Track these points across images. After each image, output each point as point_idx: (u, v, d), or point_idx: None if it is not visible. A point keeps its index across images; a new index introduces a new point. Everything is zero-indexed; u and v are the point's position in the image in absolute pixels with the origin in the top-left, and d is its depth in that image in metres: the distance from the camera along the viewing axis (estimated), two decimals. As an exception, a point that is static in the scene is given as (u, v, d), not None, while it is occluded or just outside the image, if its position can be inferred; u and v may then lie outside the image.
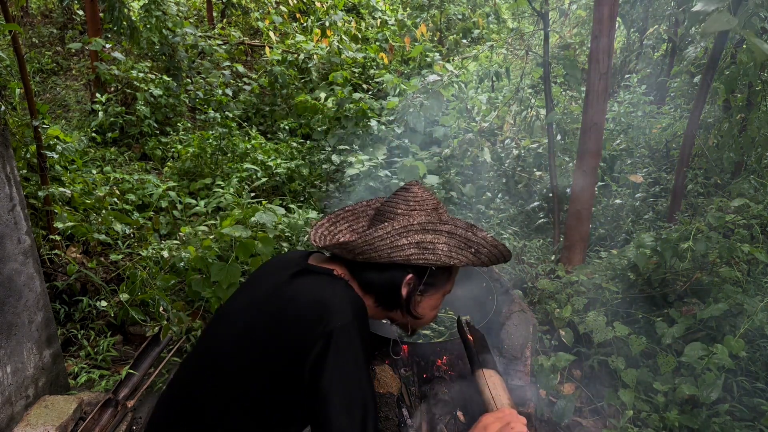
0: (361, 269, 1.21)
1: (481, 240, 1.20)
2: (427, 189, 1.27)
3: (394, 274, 1.20)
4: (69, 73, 6.62)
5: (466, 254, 1.20)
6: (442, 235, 1.18)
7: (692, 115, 3.12)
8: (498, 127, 5.14)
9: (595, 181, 3.01)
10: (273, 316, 1.12)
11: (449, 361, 2.06)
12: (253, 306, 1.19)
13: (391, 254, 1.15)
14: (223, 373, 1.14)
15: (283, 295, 1.15)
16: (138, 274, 2.91)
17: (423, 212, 1.21)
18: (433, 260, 1.17)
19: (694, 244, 2.39)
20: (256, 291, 1.23)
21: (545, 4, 3.41)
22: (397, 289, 1.21)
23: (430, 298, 1.27)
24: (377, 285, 1.21)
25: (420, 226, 1.17)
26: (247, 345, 1.13)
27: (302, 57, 6.29)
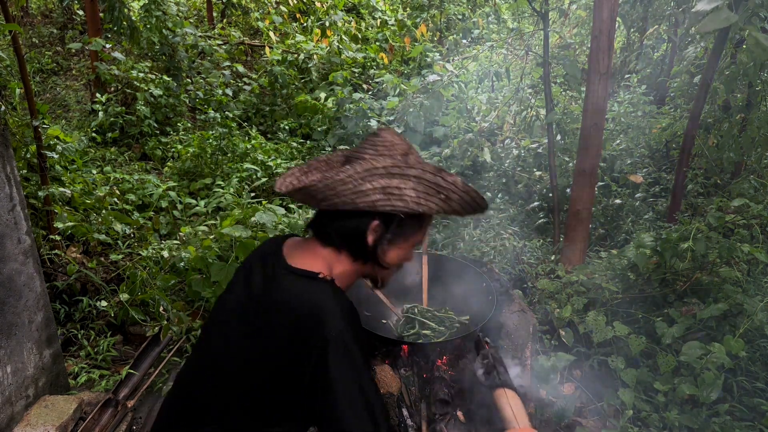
0: (328, 222, 1.16)
1: (452, 185, 1.13)
2: (399, 134, 1.20)
3: (360, 221, 1.14)
4: (69, 73, 6.62)
5: (436, 200, 1.13)
6: (409, 180, 1.11)
7: (692, 115, 3.12)
8: (498, 127, 5.13)
9: (595, 181, 3.01)
10: (267, 323, 1.11)
11: (449, 361, 2.05)
12: (245, 309, 1.17)
13: (356, 200, 1.08)
14: (222, 373, 1.14)
15: (273, 299, 1.12)
16: (138, 274, 2.91)
17: (390, 157, 1.13)
18: (401, 207, 1.10)
19: (694, 244, 2.39)
20: (246, 291, 1.21)
21: (545, 4, 3.41)
22: (363, 237, 1.15)
23: (399, 248, 1.20)
24: (343, 234, 1.16)
25: (385, 169, 1.09)
26: (244, 348, 1.13)
27: (302, 57, 6.29)
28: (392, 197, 1.10)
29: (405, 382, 1.99)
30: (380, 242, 1.16)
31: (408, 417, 1.88)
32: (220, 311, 1.25)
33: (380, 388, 1.91)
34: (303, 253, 1.19)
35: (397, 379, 1.97)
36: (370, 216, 1.13)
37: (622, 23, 5.55)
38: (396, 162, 1.11)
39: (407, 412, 1.90)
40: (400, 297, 2.39)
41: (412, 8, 7.43)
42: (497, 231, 3.75)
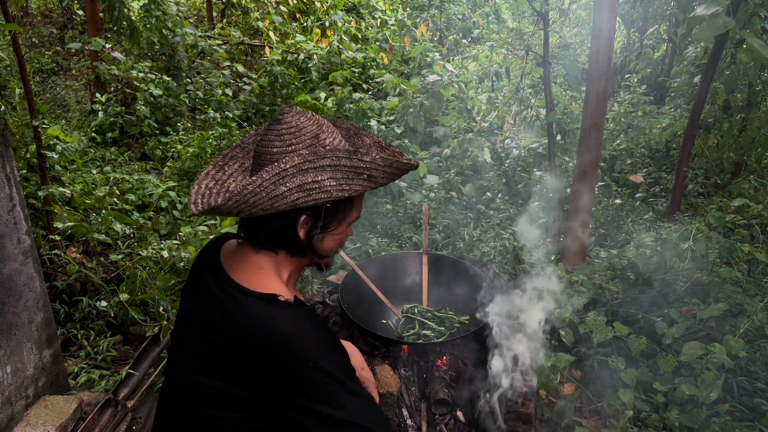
0: (256, 227, 1.10)
1: (371, 163, 1.06)
2: (305, 113, 1.10)
3: (286, 221, 1.08)
4: (69, 73, 6.62)
5: (359, 182, 1.07)
6: (325, 171, 1.03)
7: (692, 115, 3.12)
8: (498, 127, 5.14)
9: (595, 181, 3.01)
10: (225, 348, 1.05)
11: (449, 361, 2.05)
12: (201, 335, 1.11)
13: (274, 204, 1.02)
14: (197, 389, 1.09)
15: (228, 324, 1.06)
16: (138, 274, 2.91)
17: (301, 145, 1.06)
18: (324, 198, 1.04)
19: (694, 244, 2.39)
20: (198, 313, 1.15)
21: (545, 4, 3.41)
22: (294, 234, 1.09)
23: (334, 233, 1.16)
24: (274, 236, 1.10)
25: (295, 168, 1.01)
26: (213, 371, 1.07)
27: (302, 57, 6.29)
28: (312, 192, 1.03)
29: (405, 382, 1.99)
30: (313, 233, 1.11)
31: (408, 417, 1.88)
32: (181, 329, 1.20)
33: (380, 388, 1.91)
34: (245, 267, 1.12)
35: (397, 379, 1.97)
36: (296, 213, 1.07)
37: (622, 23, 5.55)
38: (304, 157, 1.02)
39: (407, 412, 1.90)
40: (400, 297, 2.39)
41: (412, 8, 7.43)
42: (497, 231, 3.75)
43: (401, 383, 1.98)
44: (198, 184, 1.12)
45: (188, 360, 1.14)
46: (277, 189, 1.01)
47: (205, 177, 1.15)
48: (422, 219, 2.29)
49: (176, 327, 1.24)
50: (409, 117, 4.46)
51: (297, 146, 1.06)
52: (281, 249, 1.13)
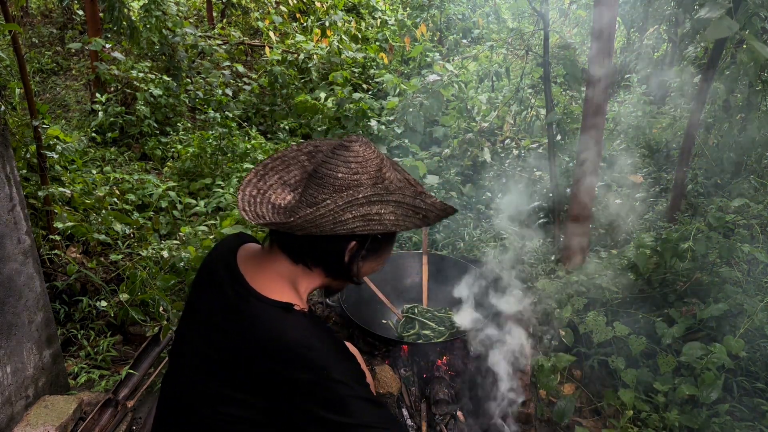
0: (302, 244, 1.12)
1: (431, 206, 1.14)
2: (369, 144, 1.15)
3: (337, 244, 1.13)
4: (69, 73, 6.62)
5: (414, 220, 1.14)
6: (389, 206, 1.10)
7: (692, 115, 3.12)
8: (498, 127, 5.13)
9: (595, 181, 3.01)
10: (236, 355, 1.06)
11: (449, 361, 2.05)
12: (209, 336, 1.12)
13: (335, 229, 1.06)
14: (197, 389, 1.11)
15: (243, 332, 1.07)
16: (138, 274, 2.91)
17: (366, 176, 1.11)
18: (380, 230, 1.10)
19: (694, 244, 2.39)
20: (208, 314, 1.16)
21: (545, 4, 3.41)
22: (341, 257, 1.14)
23: (373, 263, 1.21)
24: (319, 256, 1.14)
25: (366, 198, 1.07)
26: (214, 371, 1.09)
27: (302, 57, 6.29)
28: (372, 222, 1.08)
29: (405, 382, 1.99)
30: (355, 260, 1.16)
31: (408, 417, 1.88)
32: (185, 331, 1.21)
33: (380, 388, 1.91)
34: (265, 274, 1.14)
35: (397, 379, 1.97)
36: (348, 238, 1.12)
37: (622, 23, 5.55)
38: (376, 190, 1.08)
39: (407, 412, 1.90)
40: (400, 297, 2.39)
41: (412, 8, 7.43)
42: (497, 231, 3.75)
43: (401, 383, 1.98)
44: (243, 190, 1.16)
45: (190, 360, 1.15)
46: (344, 215, 1.05)
47: (248, 184, 1.18)
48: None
49: (180, 325, 1.25)
50: (409, 117, 4.46)
51: (362, 176, 1.10)
52: (320, 267, 1.16)
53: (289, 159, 1.23)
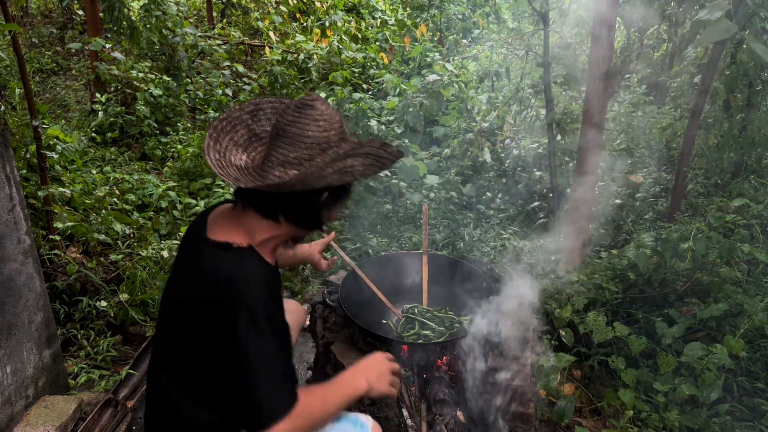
0: (275, 199, 1.21)
1: (389, 155, 1.24)
2: (326, 102, 1.24)
3: (313, 197, 1.22)
4: (69, 73, 6.62)
5: (375, 168, 1.25)
6: (359, 158, 1.19)
7: (692, 115, 3.12)
8: (498, 127, 5.13)
9: (595, 181, 3.01)
10: (190, 292, 1.23)
11: (449, 361, 2.05)
12: (177, 278, 1.31)
13: (316, 184, 1.17)
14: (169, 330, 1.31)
15: (193, 270, 1.24)
16: (138, 274, 2.91)
17: (333, 131, 1.20)
18: (349, 180, 1.21)
19: (694, 244, 2.39)
20: (181, 267, 1.33)
21: (545, 4, 3.41)
22: (315, 209, 1.25)
23: (335, 210, 1.33)
24: (293, 208, 1.23)
25: (346, 154, 1.16)
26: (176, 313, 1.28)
27: (302, 57, 6.29)
28: (345, 174, 1.18)
29: (405, 382, 1.99)
30: (323, 209, 1.27)
31: (408, 417, 1.88)
32: (168, 285, 1.37)
33: (380, 388, 1.90)
34: (225, 224, 1.26)
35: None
36: (322, 191, 1.22)
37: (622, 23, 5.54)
38: (353, 145, 1.17)
39: (407, 412, 1.90)
40: (400, 297, 2.39)
41: (412, 8, 7.43)
42: (497, 231, 3.75)
43: (401, 383, 1.98)
44: (207, 154, 1.23)
45: (169, 315, 1.32)
46: (325, 170, 1.14)
47: (209, 148, 1.25)
48: (422, 219, 2.29)
49: (164, 291, 1.41)
50: (409, 117, 4.46)
51: (329, 133, 1.19)
52: (290, 220, 1.26)
53: (234, 119, 1.31)
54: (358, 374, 1.35)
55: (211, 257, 1.20)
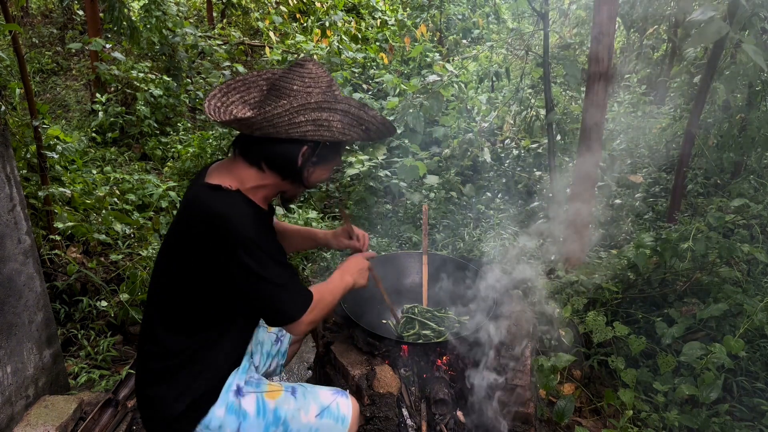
0: (258, 147, 1.32)
1: (372, 118, 1.33)
2: (321, 66, 1.33)
3: (291, 147, 1.30)
4: (69, 73, 6.62)
5: (357, 131, 1.33)
6: (337, 113, 1.27)
7: (692, 115, 3.12)
8: (498, 127, 5.13)
9: (595, 181, 3.01)
10: (184, 229, 1.34)
11: (449, 361, 2.06)
12: (176, 223, 1.41)
13: (289, 130, 1.24)
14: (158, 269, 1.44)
15: (186, 209, 1.35)
16: (138, 274, 2.91)
17: (318, 89, 1.29)
18: (328, 136, 1.28)
19: (694, 244, 2.39)
20: (178, 211, 1.44)
21: (545, 4, 3.41)
22: (294, 160, 1.32)
23: (321, 170, 1.41)
24: (273, 158, 1.33)
25: (317, 104, 1.24)
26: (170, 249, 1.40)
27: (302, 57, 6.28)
28: (321, 128, 1.27)
29: (405, 382, 1.99)
30: (306, 165, 1.35)
31: (408, 417, 1.88)
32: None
33: (380, 389, 1.91)
34: (220, 172, 1.37)
35: (397, 379, 1.97)
36: (300, 143, 1.30)
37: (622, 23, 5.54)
38: (326, 97, 1.27)
39: (407, 412, 1.90)
40: (400, 297, 2.39)
41: (412, 8, 7.43)
42: (497, 231, 3.75)
43: (401, 383, 1.98)
44: (209, 101, 1.35)
45: (161, 255, 1.43)
46: (297, 117, 1.24)
47: (213, 98, 1.37)
48: (422, 219, 2.29)
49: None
50: (409, 117, 4.46)
51: (314, 89, 1.28)
52: (274, 170, 1.36)
53: (250, 83, 1.42)
54: (346, 274, 1.60)
55: (202, 195, 1.32)
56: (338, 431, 1.51)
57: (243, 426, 1.43)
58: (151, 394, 1.41)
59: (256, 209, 1.36)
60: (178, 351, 1.39)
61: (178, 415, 1.38)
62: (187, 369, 1.40)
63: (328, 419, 1.50)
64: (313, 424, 1.48)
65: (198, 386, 1.40)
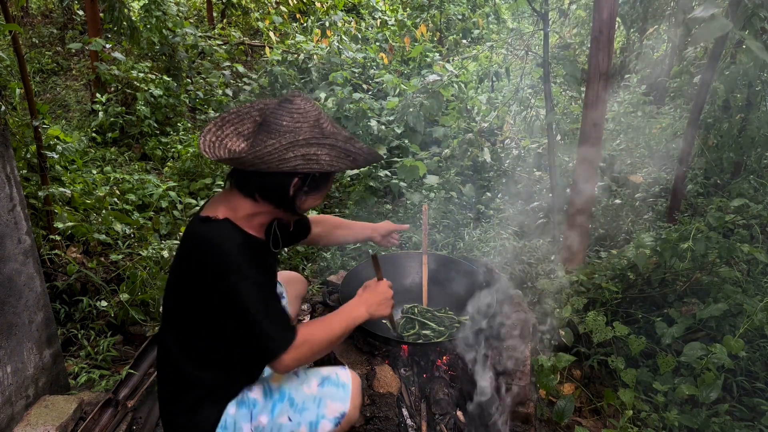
0: (252, 180, 1.39)
1: (359, 150, 1.41)
2: (310, 100, 1.40)
3: (282, 179, 1.38)
4: (69, 73, 6.62)
5: (346, 162, 1.40)
6: (324, 147, 1.35)
7: (692, 115, 3.12)
8: (498, 127, 5.13)
9: (595, 181, 3.01)
10: (183, 261, 1.44)
11: (449, 361, 2.06)
12: (176, 258, 1.49)
13: (280, 166, 1.32)
14: (168, 296, 1.51)
15: (183, 242, 1.45)
16: (138, 274, 2.91)
17: (306, 124, 1.36)
18: (317, 168, 1.36)
19: (693, 244, 2.40)
20: (179, 246, 1.52)
21: (545, 5, 3.41)
22: (286, 191, 1.39)
23: (313, 198, 1.48)
24: (266, 189, 1.40)
25: (305, 140, 1.33)
26: (173, 280, 1.48)
27: (302, 57, 6.29)
28: (311, 162, 1.34)
29: (405, 382, 1.99)
30: (298, 195, 1.42)
31: (408, 417, 1.88)
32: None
33: (380, 388, 1.91)
34: (215, 204, 1.45)
35: (397, 379, 1.97)
36: (292, 175, 1.37)
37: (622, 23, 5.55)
38: (314, 133, 1.34)
39: (407, 412, 1.90)
40: (400, 297, 2.39)
41: (412, 8, 7.43)
42: (497, 231, 3.75)
43: (401, 383, 1.98)
44: (204, 136, 1.42)
45: (169, 288, 1.50)
46: (286, 154, 1.31)
47: (208, 132, 1.43)
48: (422, 219, 2.29)
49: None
50: (409, 117, 4.46)
51: (302, 125, 1.35)
52: (267, 200, 1.42)
53: (243, 114, 1.48)
54: (361, 306, 1.58)
55: (195, 228, 1.41)
56: (341, 396, 1.56)
57: (254, 412, 1.51)
58: (174, 421, 1.51)
59: (246, 236, 1.42)
60: (208, 386, 1.48)
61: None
62: (206, 401, 1.48)
63: (329, 387, 1.57)
64: (316, 394, 1.55)
65: (211, 411, 1.49)
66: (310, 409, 1.53)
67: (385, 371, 1.97)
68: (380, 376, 1.94)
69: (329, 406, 1.54)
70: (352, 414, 1.56)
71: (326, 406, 1.54)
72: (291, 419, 1.51)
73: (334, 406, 1.54)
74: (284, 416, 1.51)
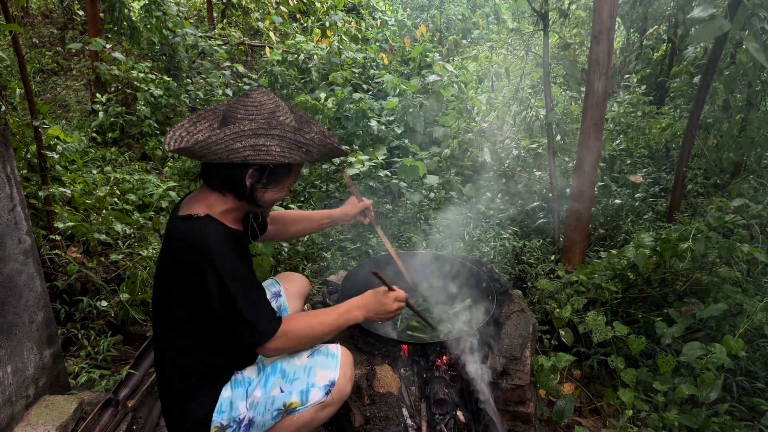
0: (213, 172, 1.45)
1: (310, 141, 1.41)
2: (269, 94, 1.44)
3: (238, 171, 1.41)
4: (69, 74, 6.62)
5: (299, 153, 1.41)
6: (273, 138, 1.37)
7: (692, 115, 3.12)
8: (498, 127, 5.13)
9: (595, 181, 3.01)
10: (167, 259, 1.48)
11: (449, 361, 2.06)
12: (161, 258, 1.53)
13: (229, 156, 1.35)
14: (156, 293, 1.55)
15: (170, 245, 1.48)
16: (138, 273, 2.91)
17: (260, 116, 1.39)
18: (269, 160, 1.38)
19: (693, 244, 2.40)
20: (162, 246, 1.57)
21: (545, 5, 3.41)
22: (242, 183, 1.43)
23: (273, 191, 1.50)
24: (224, 181, 1.44)
25: (251, 131, 1.35)
26: (160, 277, 1.53)
27: (302, 57, 6.29)
28: (261, 153, 1.36)
29: (405, 382, 1.99)
30: (256, 187, 1.45)
31: (408, 417, 1.89)
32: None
33: (380, 388, 1.91)
34: (190, 202, 1.50)
35: (397, 379, 1.97)
36: (246, 167, 1.40)
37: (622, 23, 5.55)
38: (260, 124, 1.36)
39: (407, 412, 1.90)
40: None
41: (412, 8, 7.43)
42: (497, 231, 3.75)
43: (401, 383, 1.98)
44: (173, 132, 1.46)
45: (157, 285, 1.55)
46: (234, 144, 1.35)
47: (180, 128, 1.48)
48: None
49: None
50: (409, 117, 4.46)
51: (256, 117, 1.39)
52: (230, 193, 1.47)
53: (219, 111, 1.53)
54: (357, 309, 1.62)
55: (177, 226, 1.44)
56: (330, 365, 1.59)
57: (249, 390, 1.55)
58: (169, 414, 1.57)
59: (228, 230, 1.47)
60: (190, 370, 1.52)
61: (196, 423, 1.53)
62: (199, 388, 1.53)
63: (319, 356, 1.61)
64: (306, 364, 1.59)
65: (206, 398, 1.54)
66: (301, 378, 1.56)
67: (385, 371, 1.97)
68: (380, 375, 1.94)
69: (318, 374, 1.56)
70: (342, 385, 1.58)
71: (315, 374, 1.57)
72: (282, 390, 1.55)
73: (324, 374, 1.57)
74: (276, 388, 1.55)
